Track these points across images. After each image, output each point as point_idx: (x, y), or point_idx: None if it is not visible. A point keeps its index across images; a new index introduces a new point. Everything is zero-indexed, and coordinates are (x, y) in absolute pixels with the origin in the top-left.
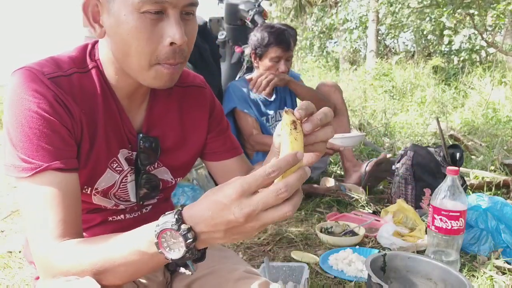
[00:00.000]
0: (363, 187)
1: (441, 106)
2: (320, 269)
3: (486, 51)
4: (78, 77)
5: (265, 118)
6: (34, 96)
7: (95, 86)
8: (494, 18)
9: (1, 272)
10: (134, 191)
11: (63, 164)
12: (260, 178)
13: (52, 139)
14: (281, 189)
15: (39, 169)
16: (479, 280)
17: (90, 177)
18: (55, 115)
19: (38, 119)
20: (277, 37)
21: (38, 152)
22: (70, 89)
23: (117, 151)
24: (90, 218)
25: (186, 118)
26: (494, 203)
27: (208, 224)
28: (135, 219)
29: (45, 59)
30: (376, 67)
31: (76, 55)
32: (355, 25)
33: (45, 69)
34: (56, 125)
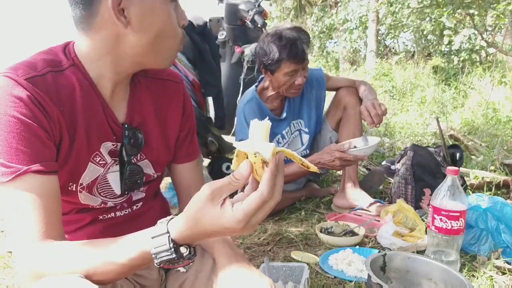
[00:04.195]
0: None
1: (441, 106)
2: (320, 269)
3: (486, 51)
4: (52, 76)
5: (277, 139)
6: (10, 101)
7: (72, 83)
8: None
9: (1, 272)
10: (118, 184)
11: (42, 166)
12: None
13: (31, 142)
14: (264, 193)
15: (19, 172)
16: (479, 280)
17: (73, 173)
18: (33, 118)
19: (16, 123)
20: (289, 52)
21: (18, 155)
22: (46, 88)
23: (99, 145)
24: (80, 218)
25: (163, 112)
26: (494, 203)
27: (204, 238)
28: (126, 216)
29: (17, 63)
30: (376, 67)
31: (48, 56)
32: (355, 25)
33: (19, 72)
34: (34, 128)
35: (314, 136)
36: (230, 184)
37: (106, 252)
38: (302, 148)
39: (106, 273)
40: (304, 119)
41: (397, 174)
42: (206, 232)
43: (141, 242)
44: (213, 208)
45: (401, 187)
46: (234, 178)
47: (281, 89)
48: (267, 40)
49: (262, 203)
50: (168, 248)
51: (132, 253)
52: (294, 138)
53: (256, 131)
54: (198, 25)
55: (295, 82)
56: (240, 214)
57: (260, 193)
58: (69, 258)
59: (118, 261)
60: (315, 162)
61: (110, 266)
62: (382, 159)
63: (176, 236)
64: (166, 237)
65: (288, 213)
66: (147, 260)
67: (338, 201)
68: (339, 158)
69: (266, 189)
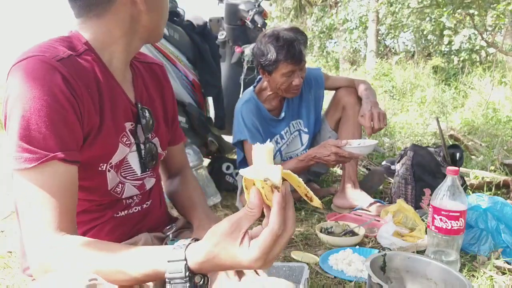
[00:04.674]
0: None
1: (441, 106)
2: (320, 269)
3: (486, 51)
4: (75, 59)
5: (275, 139)
6: (42, 85)
7: (92, 66)
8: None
9: (1, 272)
10: (138, 163)
11: (67, 155)
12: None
13: (59, 128)
14: (275, 228)
15: (44, 159)
16: (479, 280)
17: (104, 153)
18: (65, 101)
19: (47, 107)
20: (287, 52)
21: (45, 141)
22: (74, 69)
23: (124, 126)
24: (99, 216)
25: (159, 92)
26: (494, 203)
27: (221, 270)
28: (138, 214)
29: (40, 46)
30: (376, 67)
31: (63, 41)
32: (355, 25)
33: (47, 54)
34: (64, 113)
35: (313, 136)
36: (247, 216)
37: (120, 262)
38: (301, 148)
39: (115, 280)
40: (303, 119)
41: (397, 174)
42: (224, 266)
43: (157, 261)
44: (232, 244)
45: (401, 187)
46: (249, 208)
47: (279, 90)
48: (264, 40)
49: (275, 238)
50: (183, 276)
51: (146, 270)
52: (294, 138)
53: (259, 156)
54: (198, 25)
55: (292, 83)
56: (256, 253)
57: (271, 229)
58: (82, 258)
59: (130, 273)
60: (311, 156)
61: (121, 275)
62: (382, 159)
63: (193, 265)
64: (182, 265)
65: None
66: (159, 279)
67: (338, 201)
68: (335, 153)
69: (276, 224)
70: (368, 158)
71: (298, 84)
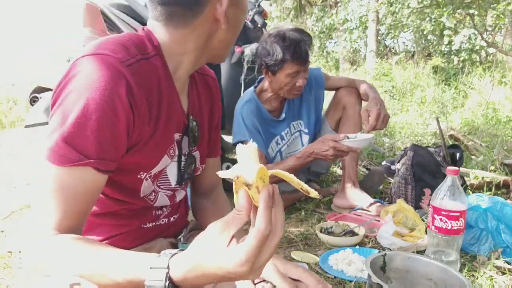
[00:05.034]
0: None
1: (441, 106)
2: (320, 269)
3: (486, 51)
4: (143, 63)
5: (276, 140)
6: (104, 88)
7: (158, 73)
8: (494, 18)
9: (1, 272)
10: (175, 174)
11: (103, 165)
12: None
13: (104, 136)
14: (261, 228)
15: (78, 163)
16: (479, 280)
17: (147, 163)
18: (121, 111)
19: (101, 112)
20: (293, 53)
21: (86, 145)
22: (140, 76)
23: (173, 137)
24: (126, 223)
25: (209, 105)
26: (494, 203)
27: (206, 283)
28: (163, 226)
29: (112, 43)
30: (376, 67)
31: (135, 41)
32: (355, 25)
33: (119, 55)
34: (115, 123)
35: (313, 136)
36: (234, 219)
37: (105, 266)
38: (302, 149)
39: (101, 283)
40: (303, 120)
41: (397, 174)
42: (209, 275)
43: (139, 268)
44: (218, 249)
45: (401, 187)
46: (237, 211)
47: (281, 91)
48: (270, 40)
49: (262, 239)
50: (162, 286)
51: (129, 275)
52: (294, 139)
53: (243, 156)
54: None
55: (296, 84)
56: (242, 255)
57: (257, 228)
58: (69, 259)
59: (114, 278)
60: (309, 153)
61: (106, 280)
62: (382, 159)
63: (175, 274)
64: (163, 273)
65: (288, 213)
66: (141, 286)
67: (338, 201)
68: (333, 147)
69: (262, 223)
70: (368, 158)
71: (302, 85)
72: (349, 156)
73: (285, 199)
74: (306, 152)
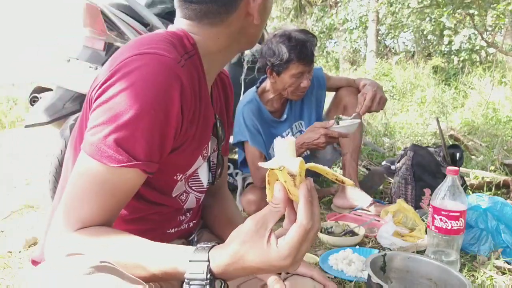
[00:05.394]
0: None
1: (441, 106)
2: (320, 269)
3: (486, 51)
4: (189, 62)
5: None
6: (159, 89)
7: (198, 73)
8: (494, 18)
9: (1, 272)
10: (206, 175)
11: (147, 167)
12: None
13: (153, 139)
14: (304, 223)
15: (126, 164)
16: (479, 280)
17: (185, 163)
18: (173, 114)
19: (153, 115)
20: (299, 53)
21: (135, 147)
22: (190, 76)
23: (209, 137)
24: (153, 228)
25: (226, 104)
26: (494, 203)
27: (245, 275)
28: (182, 231)
29: (159, 41)
30: (376, 67)
31: (179, 38)
32: (355, 25)
33: (173, 55)
34: (165, 126)
35: None
36: (272, 212)
37: (140, 256)
38: None
39: (134, 274)
40: (305, 120)
41: (397, 174)
42: (251, 268)
43: (178, 260)
44: (259, 242)
45: (401, 187)
46: (273, 204)
47: (285, 92)
48: (275, 40)
49: (304, 234)
50: (204, 278)
51: (166, 267)
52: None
53: (281, 148)
54: None
55: (300, 85)
56: (285, 250)
57: (300, 223)
58: (101, 250)
59: (149, 269)
60: (300, 144)
61: (141, 270)
62: (382, 159)
63: (215, 268)
64: (204, 266)
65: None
66: (178, 278)
67: (338, 201)
68: (324, 134)
69: (305, 218)
70: (368, 158)
71: (307, 86)
72: (349, 156)
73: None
74: (297, 144)
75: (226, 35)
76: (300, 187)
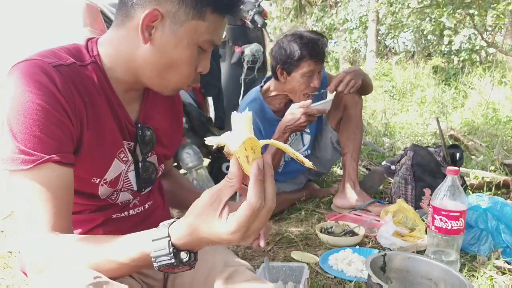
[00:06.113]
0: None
1: (441, 106)
2: (320, 269)
3: (486, 51)
4: (77, 68)
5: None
6: (37, 88)
7: (93, 80)
8: (494, 18)
9: (1, 272)
10: (135, 180)
11: (62, 157)
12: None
13: (53, 132)
14: (252, 201)
15: (40, 161)
16: (479, 280)
17: (98, 167)
18: (58, 107)
19: (41, 111)
20: (311, 50)
21: (40, 144)
22: (72, 78)
23: (122, 142)
24: (94, 218)
25: (172, 109)
26: (494, 203)
27: (204, 245)
28: (138, 215)
29: (43, 51)
30: (376, 67)
31: (71, 49)
32: (355, 25)
33: (47, 59)
34: (58, 117)
35: (315, 136)
36: (226, 186)
37: (108, 250)
38: (303, 149)
39: (108, 270)
40: None
41: (397, 174)
42: (205, 240)
43: (142, 243)
44: (212, 215)
45: (401, 187)
46: (228, 179)
47: (295, 92)
48: (286, 40)
49: (253, 212)
50: (168, 253)
51: (133, 254)
52: (296, 139)
53: (236, 124)
54: None
55: (311, 84)
56: (234, 225)
57: (248, 201)
58: (72, 253)
59: (119, 260)
60: (283, 128)
61: (112, 264)
62: (382, 159)
63: (177, 241)
64: (166, 241)
65: (288, 213)
66: (148, 262)
67: (338, 201)
68: (304, 113)
69: (253, 196)
70: (368, 158)
71: (317, 86)
72: (350, 156)
73: (284, 200)
74: (280, 130)
75: (124, 42)
76: (252, 166)
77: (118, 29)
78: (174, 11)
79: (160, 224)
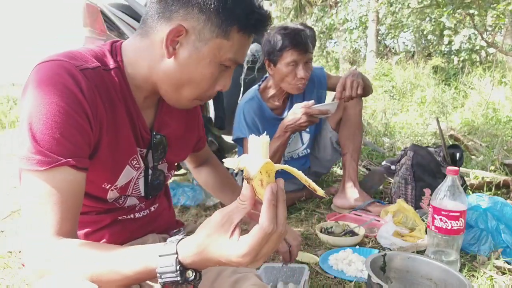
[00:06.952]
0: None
1: (441, 106)
2: (320, 269)
3: (486, 51)
4: (101, 72)
5: None
6: (62, 90)
7: (116, 85)
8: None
9: (1, 272)
10: (143, 186)
11: (78, 162)
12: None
13: (73, 135)
14: (264, 226)
15: (56, 163)
16: (479, 280)
17: (111, 173)
18: (80, 111)
19: (64, 113)
20: (292, 39)
21: (58, 146)
22: (96, 82)
23: (136, 149)
24: (100, 219)
25: (188, 116)
26: (494, 203)
27: (211, 265)
28: (144, 218)
29: (69, 52)
30: (376, 67)
31: (97, 52)
32: (355, 25)
33: (73, 61)
34: (79, 120)
35: (314, 136)
36: (238, 208)
37: (112, 260)
38: (302, 148)
39: (110, 281)
40: None
41: (397, 174)
42: (213, 260)
43: (148, 257)
44: (222, 236)
45: (401, 187)
46: (240, 201)
47: (284, 84)
48: (272, 32)
49: (265, 236)
50: (174, 270)
51: (138, 267)
52: (295, 137)
53: (254, 147)
54: None
55: (297, 75)
56: (245, 248)
57: (260, 226)
58: (74, 259)
59: (123, 272)
60: (284, 127)
61: (115, 275)
62: (382, 159)
63: (184, 259)
64: (173, 258)
65: (288, 213)
66: (152, 276)
67: (338, 201)
68: (305, 113)
69: (265, 221)
70: (368, 158)
71: (304, 76)
72: (350, 156)
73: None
74: (281, 129)
75: (147, 53)
76: (266, 190)
77: (142, 39)
78: (200, 28)
79: (168, 240)
